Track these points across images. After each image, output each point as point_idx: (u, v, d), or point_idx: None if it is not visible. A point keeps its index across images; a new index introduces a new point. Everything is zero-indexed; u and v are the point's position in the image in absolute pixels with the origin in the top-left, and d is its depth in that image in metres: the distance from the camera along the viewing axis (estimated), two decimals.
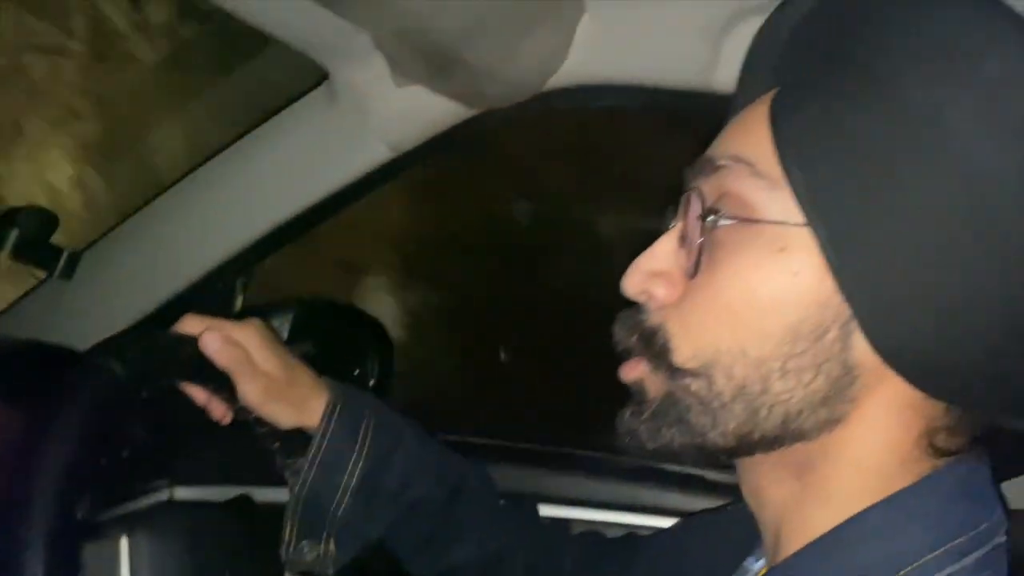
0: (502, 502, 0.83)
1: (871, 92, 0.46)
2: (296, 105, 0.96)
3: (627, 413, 0.55)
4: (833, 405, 0.49)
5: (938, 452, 0.50)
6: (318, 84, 0.94)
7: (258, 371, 0.69)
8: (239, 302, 1.13)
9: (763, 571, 0.58)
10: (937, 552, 0.47)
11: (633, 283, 0.54)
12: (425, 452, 0.77)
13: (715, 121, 0.57)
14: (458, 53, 0.74)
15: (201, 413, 0.71)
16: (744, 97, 0.56)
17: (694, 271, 0.51)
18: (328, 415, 0.72)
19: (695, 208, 0.52)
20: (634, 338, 0.54)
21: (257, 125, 0.97)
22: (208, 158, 1.00)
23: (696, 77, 0.81)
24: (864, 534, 0.49)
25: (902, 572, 0.47)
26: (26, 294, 1.05)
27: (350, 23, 0.79)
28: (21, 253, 0.98)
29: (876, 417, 0.49)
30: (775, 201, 0.48)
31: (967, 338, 0.46)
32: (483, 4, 0.68)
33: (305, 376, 0.73)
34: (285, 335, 1.15)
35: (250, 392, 0.69)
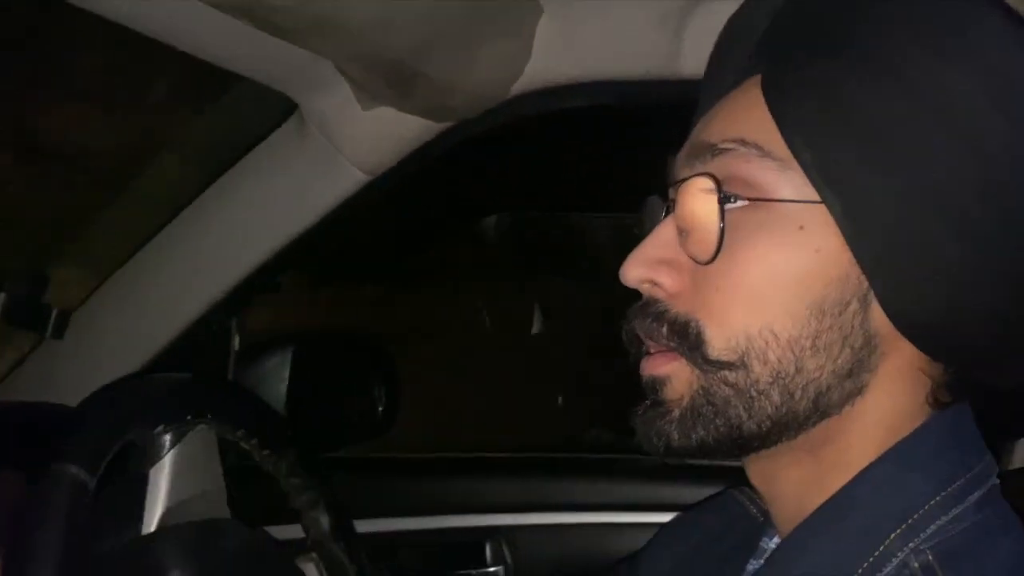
0: None
1: (873, 69, 0.47)
2: (269, 139, 0.96)
3: (650, 415, 0.52)
4: (857, 376, 0.50)
5: (938, 406, 0.52)
6: (287, 116, 0.94)
7: None
8: (236, 341, 1.14)
9: None
10: (939, 496, 0.49)
11: (635, 272, 0.52)
12: None
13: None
14: (416, 69, 0.73)
15: None
16: (717, 82, 0.55)
17: (714, 255, 0.49)
18: None
19: (701, 192, 0.50)
20: (664, 329, 0.51)
21: (231, 164, 0.97)
22: (186, 203, 0.99)
23: (662, 66, 0.80)
24: (869, 490, 0.50)
25: (911, 519, 0.48)
26: (21, 360, 1.05)
27: (310, 52, 0.79)
28: (11, 317, 0.98)
29: (891, 383, 0.50)
30: (788, 181, 0.48)
31: (975, 305, 0.48)
32: (433, 18, 0.68)
33: None
34: (287, 372, 1.15)
35: None
